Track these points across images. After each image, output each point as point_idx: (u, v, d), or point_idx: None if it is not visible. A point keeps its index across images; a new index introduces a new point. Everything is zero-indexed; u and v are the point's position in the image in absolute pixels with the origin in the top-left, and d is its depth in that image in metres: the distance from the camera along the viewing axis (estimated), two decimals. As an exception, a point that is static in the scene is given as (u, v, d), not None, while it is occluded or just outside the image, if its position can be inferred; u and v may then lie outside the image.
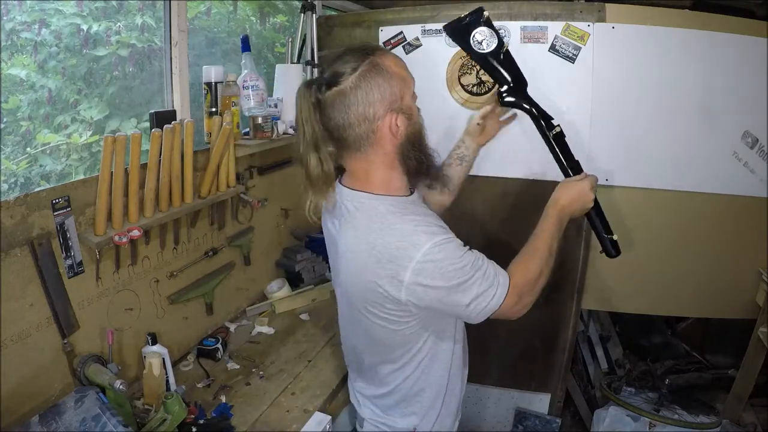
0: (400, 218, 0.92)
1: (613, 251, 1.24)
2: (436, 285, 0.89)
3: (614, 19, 1.60)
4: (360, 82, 0.89)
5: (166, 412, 1.09)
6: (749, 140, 1.60)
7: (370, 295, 0.94)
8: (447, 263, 0.88)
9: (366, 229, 0.93)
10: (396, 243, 0.89)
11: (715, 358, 2.20)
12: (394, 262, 0.88)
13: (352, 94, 0.90)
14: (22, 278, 1.02)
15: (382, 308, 0.95)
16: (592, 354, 2.31)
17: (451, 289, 0.90)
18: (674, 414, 1.86)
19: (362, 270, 0.93)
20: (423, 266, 0.87)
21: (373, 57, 0.91)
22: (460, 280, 0.89)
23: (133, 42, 1.43)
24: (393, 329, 0.98)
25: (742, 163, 1.61)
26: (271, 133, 1.59)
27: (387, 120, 0.92)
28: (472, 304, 0.92)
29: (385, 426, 1.13)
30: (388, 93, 0.91)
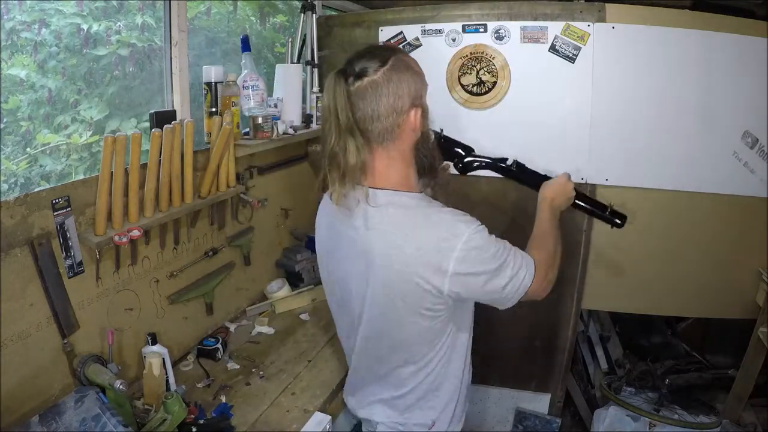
0: (436, 210, 0.94)
1: (618, 220, 1.35)
2: (477, 271, 0.91)
3: (614, 19, 1.60)
4: (392, 74, 0.91)
5: (166, 412, 1.09)
6: (749, 140, 1.60)
7: (410, 290, 0.93)
8: (485, 249, 0.91)
9: (406, 225, 0.93)
10: (438, 234, 0.90)
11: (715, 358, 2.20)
12: (439, 253, 0.89)
13: (385, 86, 0.90)
14: (22, 278, 1.02)
15: (419, 304, 0.94)
16: (592, 354, 2.31)
17: (491, 274, 0.92)
18: (674, 414, 1.86)
19: (404, 265, 0.92)
20: (465, 254, 0.89)
21: (398, 54, 0.94)
22: (498, 263, 0.93)
23: (133, 42, 1.43)
24: (425, 325, 0.98)
25: (742, 163, 1.62)
26: (271, 133, 1.59)
27: (411, 114, 0.94)
28: (508, 286, 0.95)
29: (401, 426, 1.11)
30: (414, 88, 0.93)
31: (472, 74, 1.74)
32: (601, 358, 2.24)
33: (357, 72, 0.91)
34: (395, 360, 1.06)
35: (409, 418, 1.10)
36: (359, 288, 1.02)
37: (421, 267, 0.91)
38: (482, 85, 1.74)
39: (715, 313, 1.86)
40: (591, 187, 1.72)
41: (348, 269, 1.03)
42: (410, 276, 0.92)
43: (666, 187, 1.68)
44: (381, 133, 0.93)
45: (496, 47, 1.70)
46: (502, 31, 1.69)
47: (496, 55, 1.70)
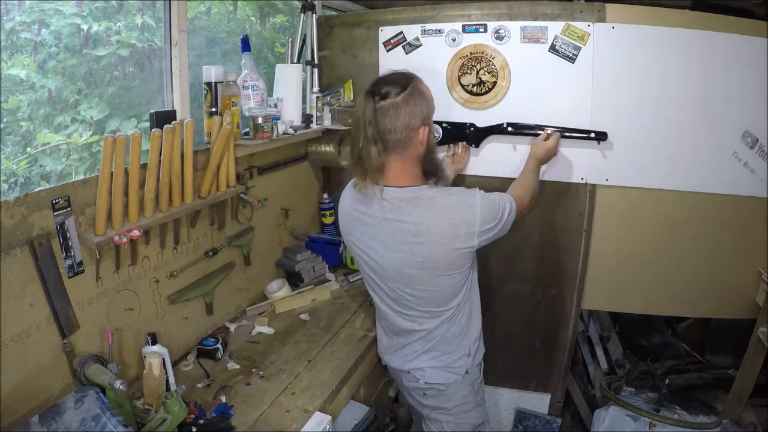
0: (446, 193, 1.24)
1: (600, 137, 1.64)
2: (493, 224, 1.24)
3: (614, 19, 1.60)
4: (409, 98, 1.17)
5: (166, 412, 1.09)
6: (749, 140, 1.60)
7: (453, 258, 1.22)
8: (492, 206, 1.25)
9: (435, 207, 1.20)
10: (456, 211, 1.21)
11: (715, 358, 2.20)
12: (463, 224, 1.20)
13: (403, 107, 1.17)
14: (22, 278, 1.02)
15: (459, 264, 1.24)
16: (592, 354, 2.31)
17: (500, 221, 1.26)
18: (674, 414, 1.86)
19: (445, 239, 1.20)
20: (483, 216, 1.22)
21: (415, 81, 1.21)
22: (501, 210, 1.26)
23: (133, 42, 1.43)
24: (463, 275, 1.28)
25: (742, 163, 1.62)
26: (271, 133, 1.59)
27: (421, 131, 1.20)
28: (508, 220, 1.29)
29: (443, 362, 1.36)
30: (425, 110, 1.20)
31: (472, 74, 1.74)
32: (601, 358, 2.24)
33: (382, 93, 1.18)
34: (436, 315, 1.32)
35: (451, 355, 1.36)
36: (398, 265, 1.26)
37: (458, 238, 1.20)
38: (482, 85, 1.74)
39: (715, 313, 1.86)
40: (591, 186, 1.72)
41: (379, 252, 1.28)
42: (451, 245, 1.20)
43: (666, 187, 1.68)
44: (396, 143, 1.19)
45: (496, 47, 1.70)
46: (502, 31, 1.69)
47: (496, 55, 1.70)
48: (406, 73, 1.23)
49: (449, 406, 1.41)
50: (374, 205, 1.25)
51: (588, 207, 1.74)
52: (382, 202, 1.23)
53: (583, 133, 1.64)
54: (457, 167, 1.75)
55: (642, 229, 1.74)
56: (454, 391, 1.38)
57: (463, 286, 1.31)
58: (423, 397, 1.42)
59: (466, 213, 1.20)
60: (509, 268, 1.90)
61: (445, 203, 1.21)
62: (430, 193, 1.23)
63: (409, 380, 1.42)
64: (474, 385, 1.42)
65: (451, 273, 1.25)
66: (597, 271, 1.81)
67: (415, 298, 1.29)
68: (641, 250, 1.76)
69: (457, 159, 1.76)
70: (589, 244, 1.79)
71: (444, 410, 1.42)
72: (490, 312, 1.87)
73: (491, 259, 1.87)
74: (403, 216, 1.21)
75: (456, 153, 1.76)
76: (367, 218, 1.27)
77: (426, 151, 1.24)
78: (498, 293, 1.94)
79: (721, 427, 1.77)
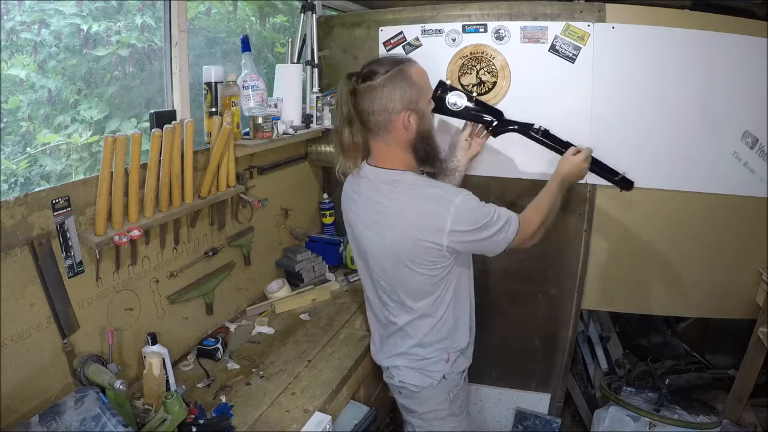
0: (428, 185, 1.20)
1: (626, 185, 1.51)
2: (469, 228, 1.15)
3: (614, 19, 1.60)
4: (387, 82, 1.14)
5: (166, 412, 1.09)
6: (749, 140, 1.60)
7: (417, 249, 1.18)
8: (475, 210, 1.17)
9: (410, 195, 1.18)
10: (431, 203, 1.16)
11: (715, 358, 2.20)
12: (433, 217, 1.14)
13: (379, 90, 1.14)
14: (22, 278, 1.02)
15: (424, 259, 1.19)
16: (592, 354, 2.31)
17: (482, 229, 1.16)
18: (674, 414, 1.86)
19: (407, 228, 1.17)
20: (458, 216, 1.14)
21: (403, 65, 1.16)
22: (486, 220, 1.17)
23: (133, 42, 1.43)
24: (432, 275, 1.23)
25: (742, 163, 1.61)
26: (271, 133, 1.59)
27: (402, 115, 1.16)
28: (494, 237, 1.18)
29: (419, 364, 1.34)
30: (407, 95, 1.15)
31: (472, 74, 1.74)
32: (601, 358, 2.24)
33: (363, 75, 1.17)
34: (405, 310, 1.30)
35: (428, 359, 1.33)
36: (371, 246, 1.26)
37: (424, 229, 1.15)
38: (482, 85, 1.74)
39: (715, 313, 1.86)
40: (591, 186, 1.72)
41: (361, 231, 1.28)
42: (415, 238, 1.16)
43: (666, 187, 1.68)
44: (376, 125, 1.18)
45: (496, 47, 1.70)
46: (502, 31, 1.69)
47: (496, 55, 1.70)
48: (397, 57, 1.22)
49: (421, 411, 1.38)
50: (362, 184, 1.27)
51: (588, 207, 1.74)
52: (367, 182, 1.25)
53: (609, 174, 1.50)
54: (472, 153, 1.60)
55: (642, 229, 1.73)
56: (427, 395, 1.35)
57: (435, 290, 1.26)
58: (399, 395, 1.42)
59: (439, 207, 1.15)
60: (509, 267, 1.90)
61: (421, 192, 1.18)
62: (411, 179, 1.20)
63: (387, 377, 1.43)
64: (451, 393, 1.37)
65: (416, 268, 1.21)
66: (597, 271, 1.81)
67: (387, 285, 1.30)
68: (641, 250, 1.75)
69: (474, 143, 1.60)
70: (589, 244, 1.78)
71: (416, 414, 1.40)
72: (491, 312, 1.87)
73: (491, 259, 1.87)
74: (379, 197, 1.21)
75: (474, 135, 1.58)
76: (356, 197, 1.29)
77: (416, 137, 1.20)
78: (498, 293, 1.94)
79: (721, 427, 1.77)
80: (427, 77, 1.22)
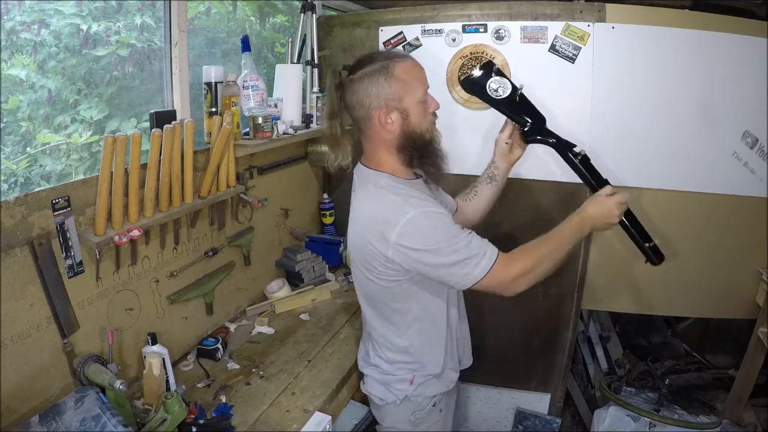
0: (393, 192, 1.11)
1: (655, 258, 1.24)
2: (417, 247, 1.05)
3: (614, 19, 1.60)
4: (365, 77, 1.09)
5: (166, 412, 1.09)
6: (749, 140, 1.60)
7: (365, 252, 1.11)
8: (430, 230, 1.05)
9: (367, 197, 1.14)
10: (386, 209, 1.08)
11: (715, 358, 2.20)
12: (383, 224, 1.07)
13: (358, 84, 1.10)
14: (22, 278, 1.02)
15: (371, 265, 1.12)
16: (592, 354, 2.31)
17: (432, 253, 1.05)
18: (674, 414, 1.86)
19: (361, 229, 1.12)
20: (406, 230, 1.04)
21: (389, 61, 1.09)
22: (442, 245, 1.04)
23: (132, 42, 1.43)
24: (382, 285, 1.14)
25: (742, 163, 1.62)
26: (271, 133, 1.59)
27: (378, 113, 1.09)
28: (456, 268, 1.05)
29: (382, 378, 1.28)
30: (385, 91, 1.08)
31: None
32: (601, 358, 2.24)
33: (349, 68, 1.13)
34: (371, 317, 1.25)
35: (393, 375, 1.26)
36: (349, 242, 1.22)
37: (371, 234, 1.08)
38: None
39: (715, 313, 1.86)
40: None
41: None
42: (365, 241, 1.10)
43: (666, 187, 1.68)
44: (358, 120, 1.14)
45: (496, 47, 1.70)
46: (502, 31, 1.69)
47: (496, 55, 1.70)
48: (392, 53, 1.19)
49: (383, 425, 1.33)
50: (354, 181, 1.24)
51: (588, 207, 1.74)
52: (355, 178, 1.22)
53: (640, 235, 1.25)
54: (513, 159, 1.37)
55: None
56: (388, 412, 1.29)
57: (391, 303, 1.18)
58: (370, 403, 1.36)
59: (391, 216, 1.05)
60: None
61: (383, 197, 1.10)
62: (383, 182, 1.12)
63: (361, 383, 1.37)
64: (414, 416, 1.27)
65: (366, 272, 1.15)
66: (597, 271, 1.81)
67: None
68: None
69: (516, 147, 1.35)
70: (589, 245, 1.79)
71: (381, 426, 1.34)
72: (491, 312, 1.87)
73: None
74: (355, 193, 1.20)
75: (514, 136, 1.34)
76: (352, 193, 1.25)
77: (402, 138, 1.12)
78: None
79: (721, 427, 1.77)
80: (418, 75, 1.12)
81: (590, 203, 1.17)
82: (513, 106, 1.32)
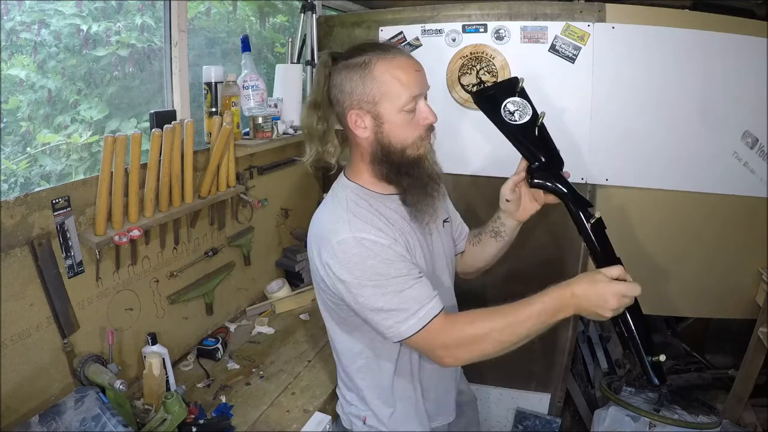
0: (344, 207, 0.96)
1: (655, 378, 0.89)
2: (341, 276, 0.90)
3: (614, 19, 1.60)
4: (342, 70, 0.95)
5: (166, 412, 1.09)
6: (749, 140, 1.60)
7: (314, 264, 0.99)
8: (358, 261, 0.89)
9: (323, 205, 1.02)
10: (327, 224, 0.95)
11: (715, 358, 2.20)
12: (320, 238, 0.95)
13: (336, 77, 0.96)
14: (22, 278, 1.02)
15: (316, 279, 1.00)
16: (592, 354, 2.31)
17: (355, 286, 0.89)
18: (674, 414, 1.86)
19: (312, 236, 1.00)
20: (335, 252, 0.90)
21: (373, 56, 0.94)
22: (365, 284, 0.89)
23: (132, 42, 1.43)
24: (322, 298, 1.03)
25: (742, 163, 1.62)
26: (271, 133, 1.59)
27: (351, 112, 0.95)
28: (377, 316, 0.90)
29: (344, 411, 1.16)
30: (358, 90, 0.94)
31: (472, 74, 1.74)
32: (601, 358, 2.24)
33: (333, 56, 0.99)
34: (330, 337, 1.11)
35: (347, 406, 1.14)
36: None
37: (312, 245, 0.98)
38: (482, 86, 1.74)
39: (715, 313, 1.86)
40: (591, 186, 1.72)
41: None
42: (311, 244, 0.99)
43: (666, 187, 1.68)
44: (338, 117, 1.00)
45: (496, 47, 1.70)
46: (502, 31, 1.69)
47: (496, 55, 1.70)
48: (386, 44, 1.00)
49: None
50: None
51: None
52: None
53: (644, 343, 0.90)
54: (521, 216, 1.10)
55: (642, 229, 1.73)
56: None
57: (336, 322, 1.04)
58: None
59: (329, 232, 0.92)
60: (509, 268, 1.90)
61: (334, 211, 0.96)
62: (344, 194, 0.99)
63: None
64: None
65: (317, 284, 1.01)
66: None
67: None
68: (641, 250, 1.75)
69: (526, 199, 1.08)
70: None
71: None
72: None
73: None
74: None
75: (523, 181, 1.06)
76: None
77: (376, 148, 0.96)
78: (498, 293, 1.94)
79: (721, 427, 1.77)
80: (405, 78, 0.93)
81: (583, 280, 0.87)
82: (527, 136, 1.05)
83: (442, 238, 1.09)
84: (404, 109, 0.93)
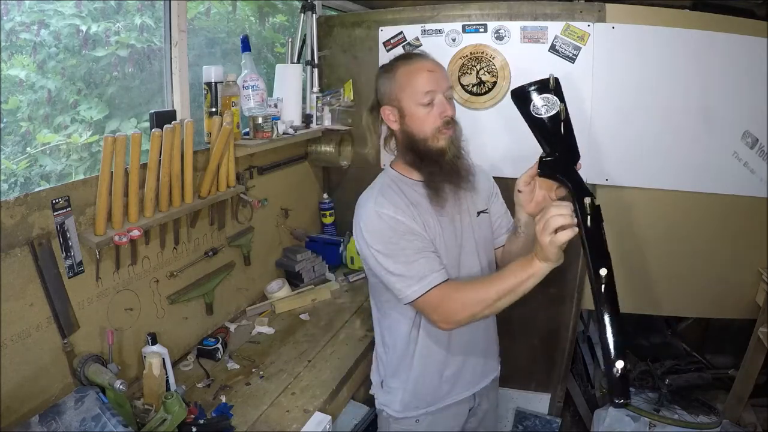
0: (378, 188, 1.14)
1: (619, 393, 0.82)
2: (369, 242, 1.08)
3: (614, 19, 1.60)
4: (380, 78, 1.16)
5: (166, 412, 1.09)
6: (749, 140, 1.60)
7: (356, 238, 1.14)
8: (377, 229, 1.07)
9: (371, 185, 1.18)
10: (362, 202, 1.13)
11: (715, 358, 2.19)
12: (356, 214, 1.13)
13: (377, 81, 1.18)
14: (22, 278, 1.02)
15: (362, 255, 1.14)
16: (592, 354, 2.31)
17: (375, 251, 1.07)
18: (674, 414, 1.86)
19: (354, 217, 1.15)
20: (365, 224, 1.09)
21: (398, 62, 1.14)
22: (384, 250, 1.06)
23: (132, 42, 1.43)
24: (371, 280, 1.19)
25: (742, 163, 1.62)
26: (271, 133, 1.59)
27: (384, 108, 1.15)
28: (392, 279, 1.07)
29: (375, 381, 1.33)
30: (387, 90, 1.14)
31: (472, 74, 1.74)
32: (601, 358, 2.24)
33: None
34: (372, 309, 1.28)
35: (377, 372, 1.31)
36: None
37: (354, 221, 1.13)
38: (482, 85, 1.74)
39: (715, 313, 1.86)
40: (591, 186, 1.72)
41: None
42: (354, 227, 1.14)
43: (666, 187, 1.68)
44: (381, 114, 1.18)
45: (496, 47, 1.70)
46: (502, 31, 1.69)
47: (496, 55, 1.70)
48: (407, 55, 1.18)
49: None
50: None
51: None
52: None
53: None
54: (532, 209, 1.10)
55: (642, 229, 1.74)
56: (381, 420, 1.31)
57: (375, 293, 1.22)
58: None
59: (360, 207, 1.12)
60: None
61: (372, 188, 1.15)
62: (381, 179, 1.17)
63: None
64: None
65: (365, 264, 1.16)
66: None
67: None
68: (641, 250, 1.76)
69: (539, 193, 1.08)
70: (589, 244, 1.78)
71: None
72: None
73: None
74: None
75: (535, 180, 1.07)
76: None
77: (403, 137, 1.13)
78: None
79: (721, 427, 1.77)
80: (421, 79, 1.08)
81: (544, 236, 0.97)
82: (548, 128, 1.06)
83: (475, 227, 1.20)
84: (420, 102, 1.09)
